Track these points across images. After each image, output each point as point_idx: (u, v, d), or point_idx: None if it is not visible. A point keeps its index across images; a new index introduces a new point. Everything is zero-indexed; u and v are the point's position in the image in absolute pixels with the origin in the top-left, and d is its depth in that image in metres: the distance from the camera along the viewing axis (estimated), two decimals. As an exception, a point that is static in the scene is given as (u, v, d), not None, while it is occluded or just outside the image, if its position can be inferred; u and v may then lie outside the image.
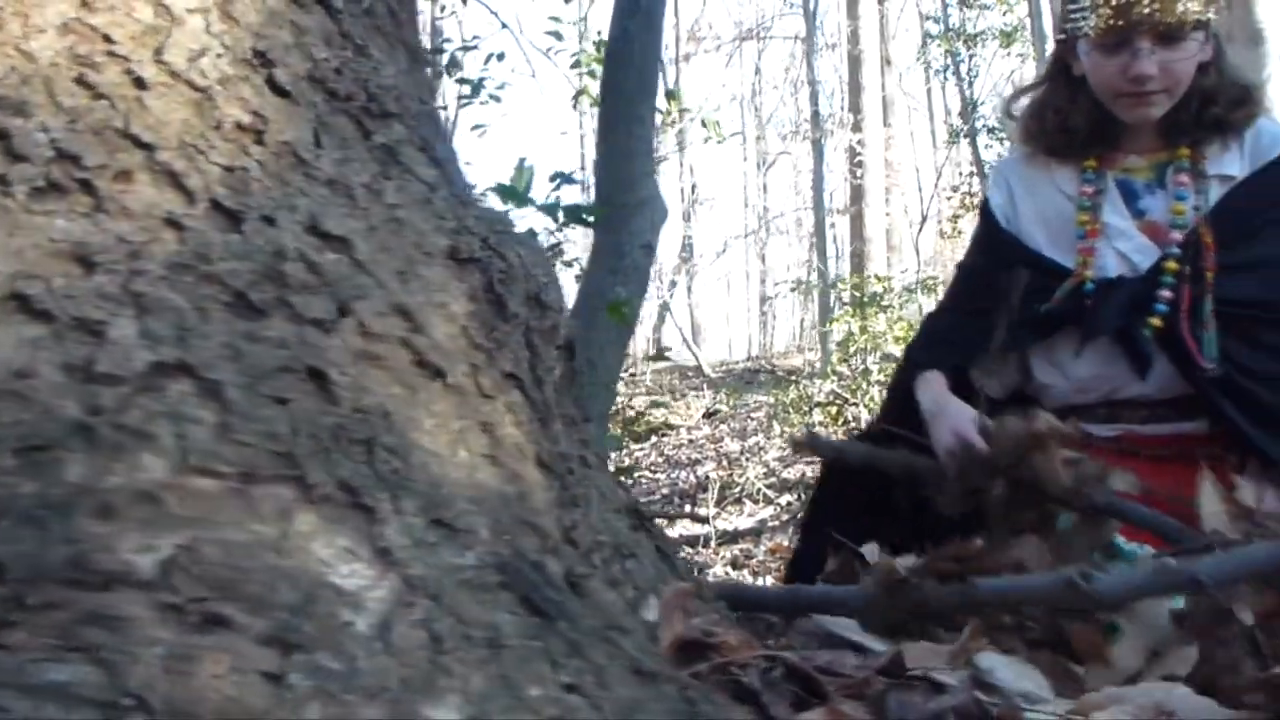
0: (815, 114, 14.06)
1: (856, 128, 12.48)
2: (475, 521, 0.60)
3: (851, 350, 8.14)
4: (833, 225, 15.49)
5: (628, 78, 2.08)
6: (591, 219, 1.96)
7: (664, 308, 16.49)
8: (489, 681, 0.49)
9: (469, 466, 0.66)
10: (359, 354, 0.68)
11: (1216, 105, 1.53)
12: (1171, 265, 1.53)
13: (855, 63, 13.03)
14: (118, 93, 0.70)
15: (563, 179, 1.91)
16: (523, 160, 1.87)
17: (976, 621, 1.07)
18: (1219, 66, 1.54)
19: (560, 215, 1.81)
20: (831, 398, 8.46)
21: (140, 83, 0.72)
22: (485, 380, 0.85)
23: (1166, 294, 1.52)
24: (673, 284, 17.42)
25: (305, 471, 0.55)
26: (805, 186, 17.86)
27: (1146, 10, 1.45)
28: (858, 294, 8.94)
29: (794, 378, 9.63)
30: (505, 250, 0.94)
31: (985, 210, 1.75)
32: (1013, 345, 1.62)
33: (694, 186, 17.61)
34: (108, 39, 0.72)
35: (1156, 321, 1.52)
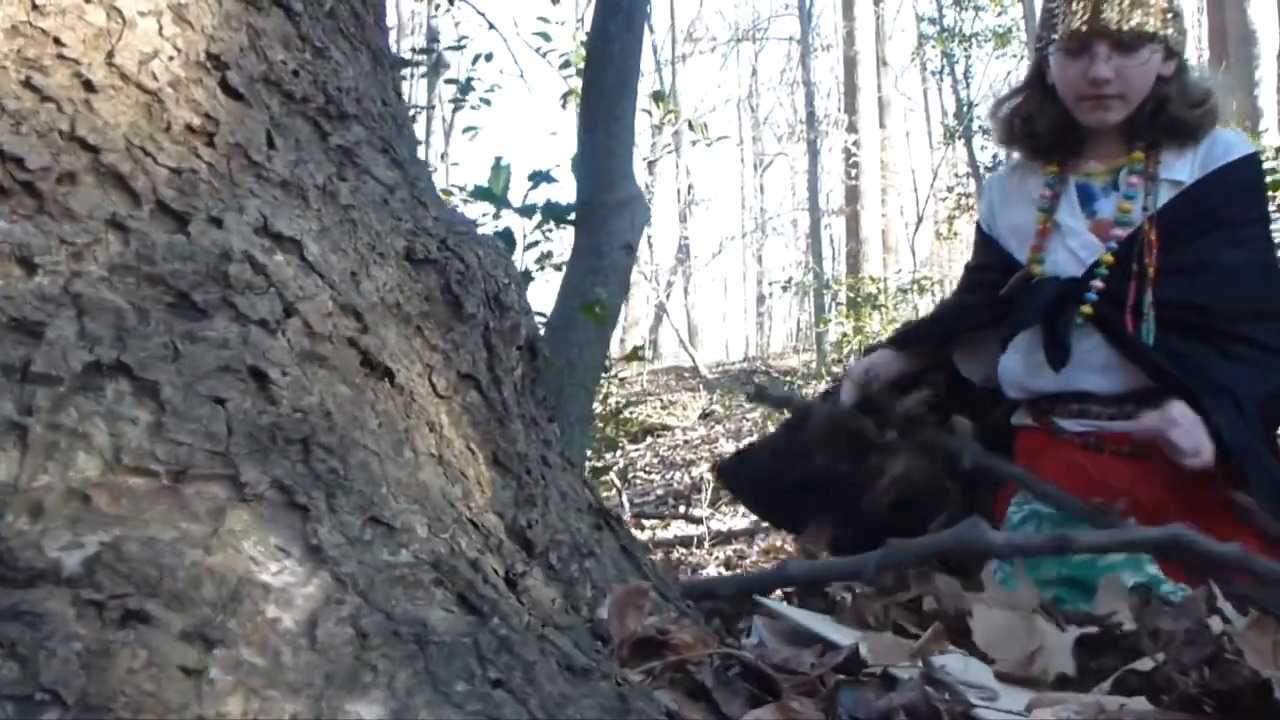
0: (810, 115, 14.07)
1: (852, 129, 12.49)
2: (413, 520, 0.61)
3: (845, 351, 8.15)
4: (828, 226, 15.49)
5: (608, 78, 2.08)
6: (571, 219, 1.97)
7: (660, 309, 16.49)
8: (415, 677, 0.50)
9: (412, 466, 0.67)
10: (304, 354, 0.68)
11: (1171, 108, 1.63)
12: (1107, 258, 1.62)
13: (851, 64, 13.04)
14: (65, 95, 0.70)
15: (540, 178, 1.92)
16: (499, 160, 1.87)
17: (938, 622, 1.07)
18: (1181, 82, 1.65)
19: (536, 216, 1.81)
20: (826, 398, 8.45)
21: (89, 85, 0.72)
22: (440, 380, 0.86)
23: (1098, 284, 1.61)
24: (669, 285, 17.42)
25: (239, 470, 0.56)
26: (801, 188, 17.87)
27: (1107, 18, 1.59)
28: (853, 295, 8.95)
29: (789, 379, 9.63)
30: (464, 252, 0.95)
31: (978, 219, 1.93)
32: (962, 325, 1.81)
33: (690, 188, 17.61)
34: (58, 42, 0.73)
35: (1087, 309, 1.61)
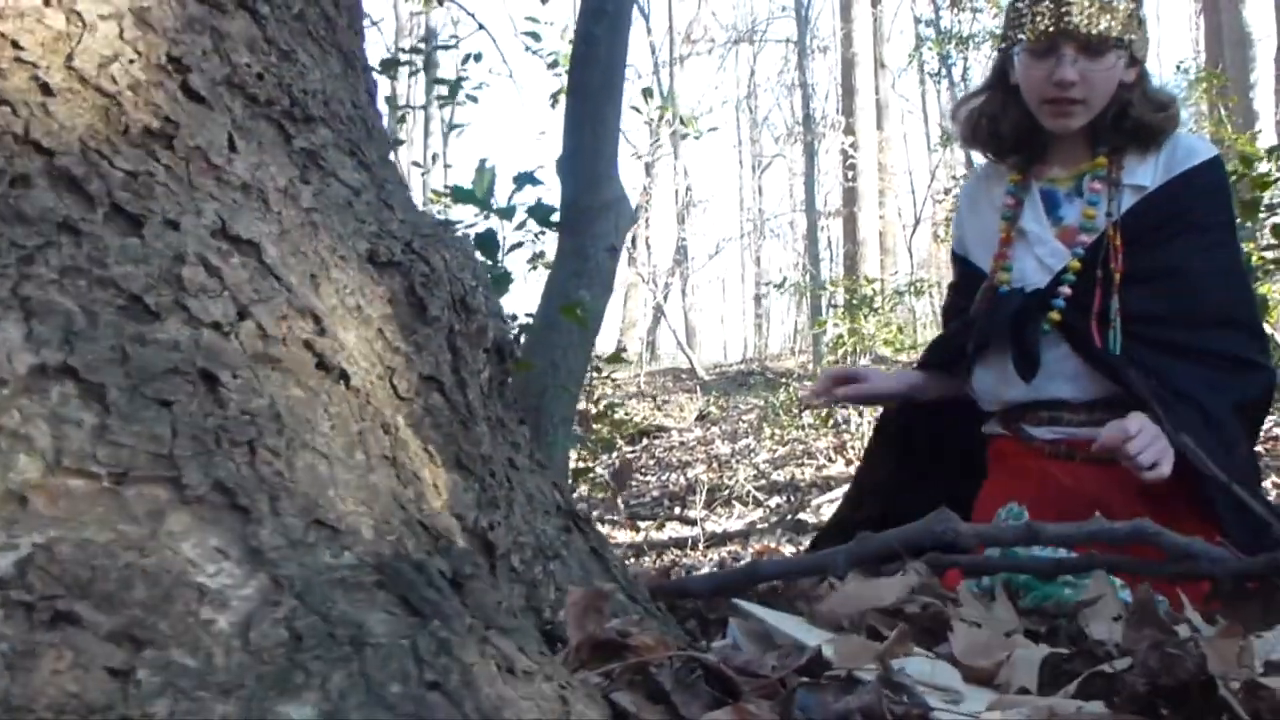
0: (807, 117, 14.08)
1: (849, 131, 12.49)
2: (359, 522, 0.61)
3: (841, 353, 8.15)
4: (824, 229, 15.50)
5: (593, 80, 2.09)
6: (555, 220, 1.97)
7: (658, 311, 16.49)
8: (349, 679, 0.50)
9: (363, 468, 0.67)
10: (257, 356, 0.69)
11: (1132, 114, 1.64)
12: (1074, 265, 1.62)
13: (849, 66, 13.05)
14: (22, 99, 0.71)
15: (525, 180, 1.92)
16: (483, 162, 1.88)
17: (904, 625, 1.08)
18: (1142, 88, 1.66)
19: (519, 217, 1.82)
20: (821, 400, 8.46)
21: (46, 89, 0.72)
22: (401, 383, 0.86)
23: (1066, 290, 1.61)
24: (667, 287, 17.43)
25: (181, 472, 0.56)
26: (800, 189, 17.88)
27: (1075, 21, 1.58)
28: (850, 296, 8.95)
29: (784, 380, 9.63)
30: (429, 255, 0.95)
31: (952, 244, 1.94)
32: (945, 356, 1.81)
33: (688, 189, 17.62)
34: (16, 45, 0.73)
35: (1055, 316, 1.61)
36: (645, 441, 10.29)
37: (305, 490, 0.60)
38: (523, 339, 2.12)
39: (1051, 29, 1.59)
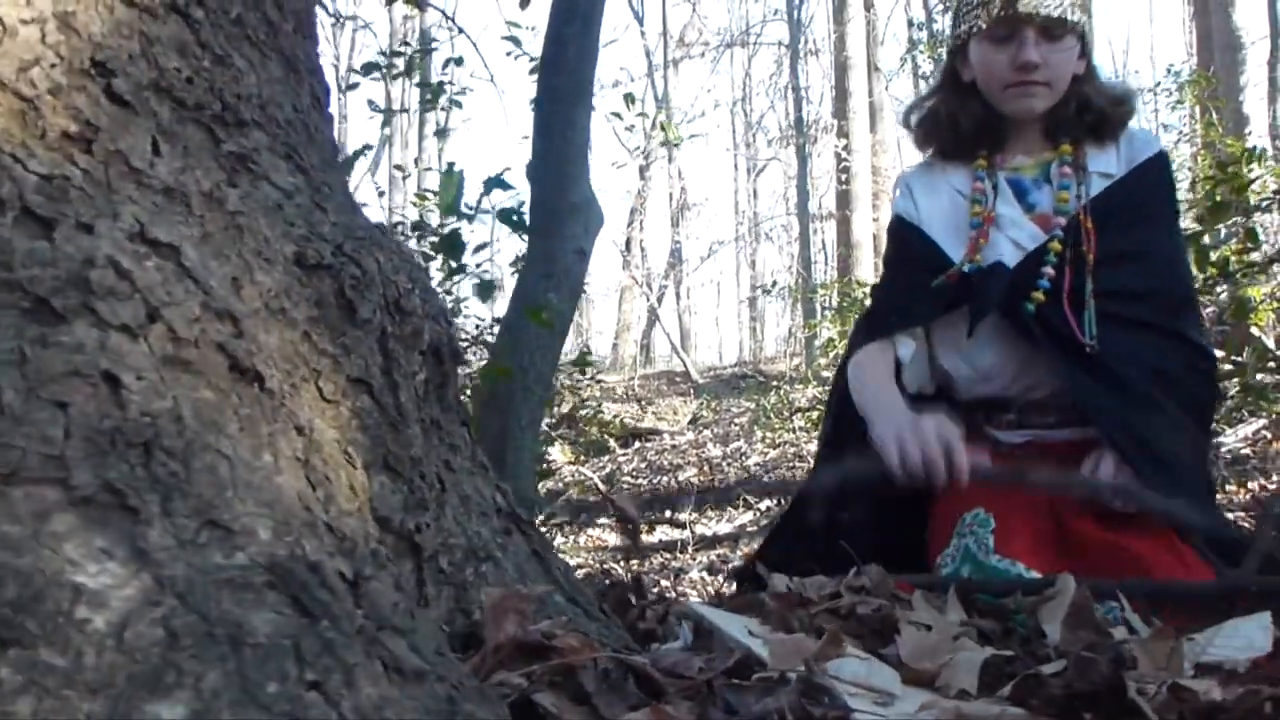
0: (799, 120, 14.10)
1: (843, 134, 12.50)
2: (257, 523, 0.61)
3: (832, 355, 8.16)
4: (817, 231, 15.51)
5: (563, 83, 2.09)
6: (525, 223, 1.98)
7: (652, 313, 16.50)
8: (224, 678, 0.51)
9: (270, 470, 0.68)
10: (166, 359, 0.69)
11: (1094, 106, 1.67)
12: (1055, 246, 1.62)
13: (842, 69, 13.07)
14: (-65, 103, 0.71)
15: (493, 184, 1.92)
16: (451, 165, 1.88)
17: (835, 625, 1.08)
18: (1093, 80, 1.69)
19: (481, 220, 1.83)
20: (813, 403, 8.47)
21: (-38, 93, 0.73)
22: (327, 385, 0.87)
23: (1050, 271, 1.60)
24: (661, 289, 17.44)
25: (71, 473, 0.56)
26: (794, 193, 17.90)
27: (1034, 5, 1.59)
28: (842, 299, 8.96)
29: (775, 383, 9.64)
30: (361, 257, 0.96)
31: (894, 215, 1.86)
32: (910, 321, 1.72)
33: (683, 192, 17.64)
34: (-66, 50, 0.74)
35: (1039, 296, 1.59)
36: (637, 444, 10.29)
37: (201, 491, 0.61)
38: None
39: (1011, 12, 1.60)
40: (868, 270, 12.21)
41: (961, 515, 1.59)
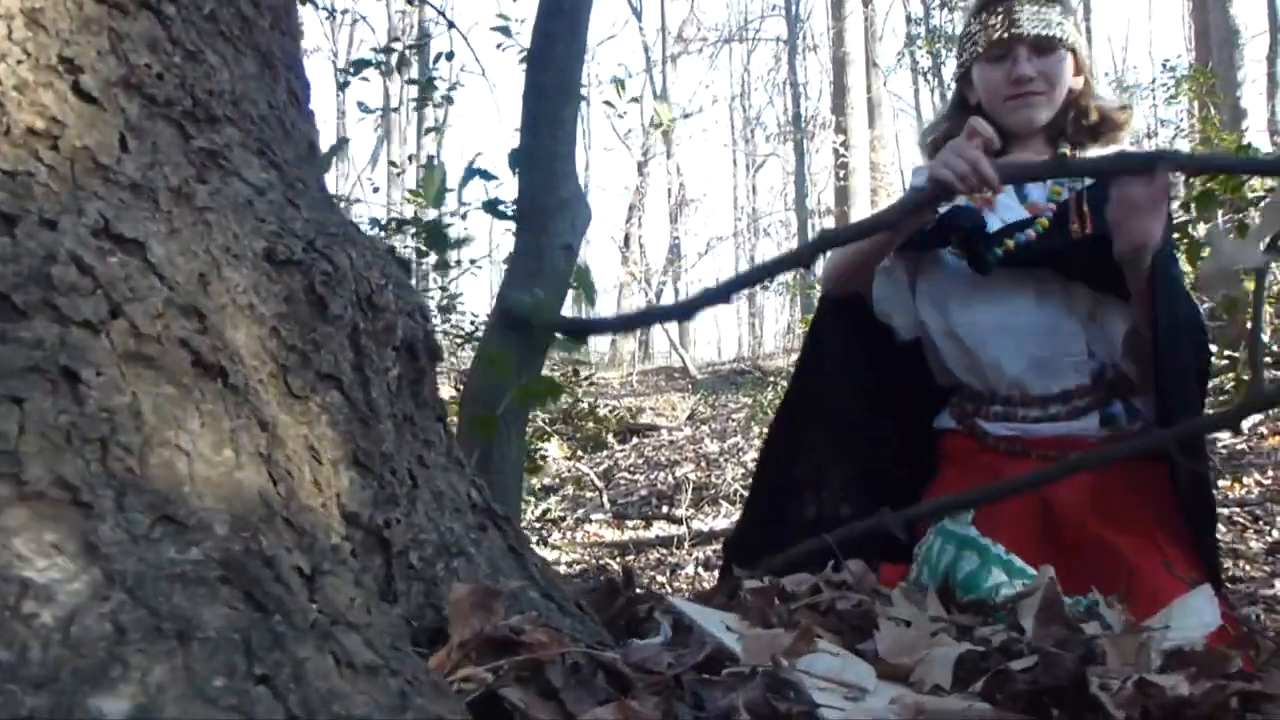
0: (797, 116, 14.08)
1: (840, 129, 12.49)
2: (213, 518, 0.62)
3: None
4: (815, 226, 15.49)
5: (550, 80, 2.09)
6: (510, 213, 1.98)
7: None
8: (171, 672, 0.51)
9: (230, 465, 0.68)
10: (128, 355, 0.69)
11: (1092, 115, 1.79)
12: (1043, 222, 1.68)
13: (840, 65, 13.05)
14: (-102, 99, 0.71)
15: (472, 174, 1.93)
16: (432, 159, 1.88)
17: (810, 621, 1.08)
18: (1091, 94, 1.80)
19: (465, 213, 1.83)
20: (810, 399, 8.47)
21: (-75, 89, 0.73)
22: (296, 381, 0.87)
23: (1031, 234, 1.67)
24: (660, 285, 17.44)
25: (24, 469, 0.56)
26: (793, 188, 17.89)
27: (1024, 26, 1.73)
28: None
29: (772, 379, 9.64)
30: (333, 254, 0.96)
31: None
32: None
33: (681, 187, 17.63)
34: (-102, 46, 0.74)
35: (1010, 244, 1.66)
36: (635, 440, 10.31)
37: (157, 487, 0.61)
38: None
39: (1005, 35, 1.74)
40: (866, 266, 12.19)
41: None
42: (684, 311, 1.84)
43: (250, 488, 0.67)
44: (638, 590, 1.48)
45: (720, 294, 1.62)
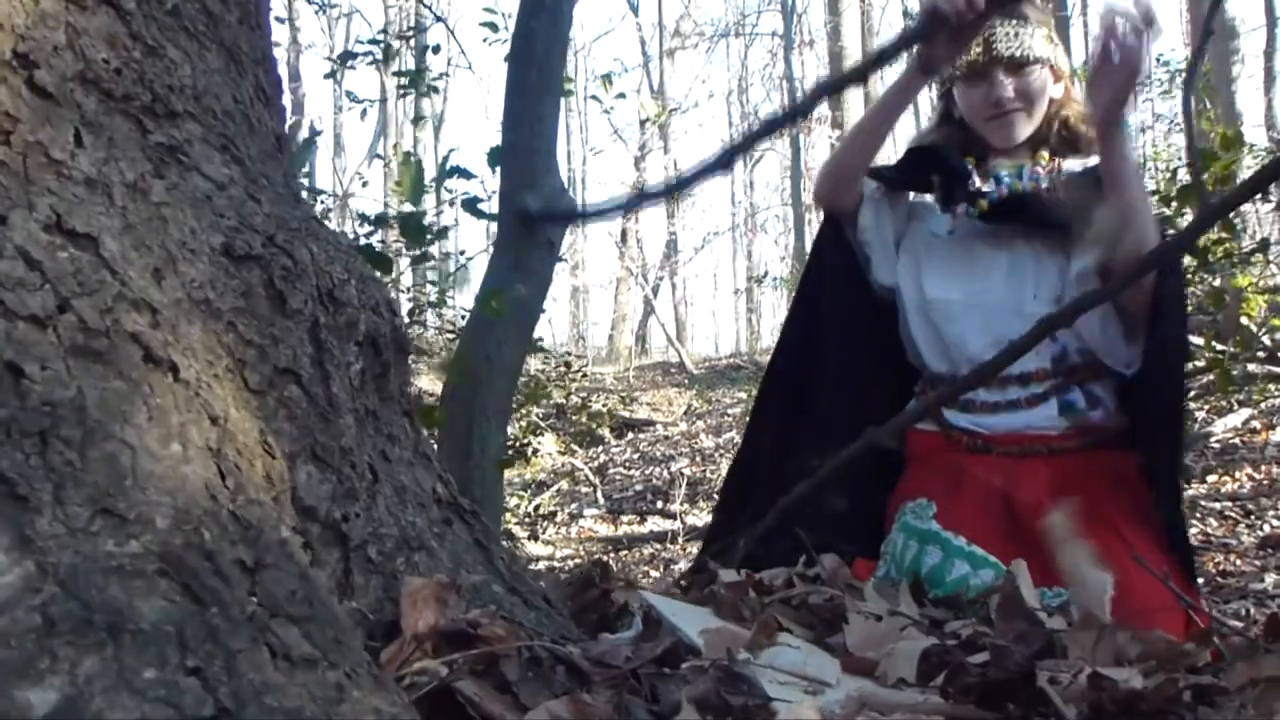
0: (793, 111, 14.03)
1: (836, 124, 12.49)
2: (155, 512, 0.62)
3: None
4: (810, 222, 15.49)
5: (531, 75, 2.09)
6: (488, 212, 1.98)
7: (648, 305, 16.50)
8: (100, 664, 0.51)
9: (177, 459, 0.68)
10: (75, 349, 0.69)
11: (1073, 123, 1.81)
12: (1017, 185, 1.76)
13: (837, 60, 13.04)
14: None
15: (452, 172, 1.93)
16: (408, 155, 1.88)
17: (768, 614, 1.09)
18: (1072, 102, 1.83)
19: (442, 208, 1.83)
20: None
21: (-125, 84, 0.73)
22: (253, 375, 0.87)
23: (1004, 190, 1.75)
24: (658, 280, 17.43)
25: (-39, 463, 0.57)
26: (789, 183, 17.88)
27: (999, 48, 1.76)
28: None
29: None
30: (294, 248, 0.96)
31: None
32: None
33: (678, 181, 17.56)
34: None
35: (984, 204, 1.73)
36: (630, 435, 10.32)
37: (97, 480, 0.61)
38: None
39: (982, 58, 1.77)
40: (862, 261, 12.19)
41: (903, 505, 1.61)
42: (681, 185, 1.87)
43: (196, 481, 0.68)
44: (613, 583, 1.48)
45: (721, 162, 1.62)
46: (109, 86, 0.89)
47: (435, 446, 2.07)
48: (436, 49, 3.44)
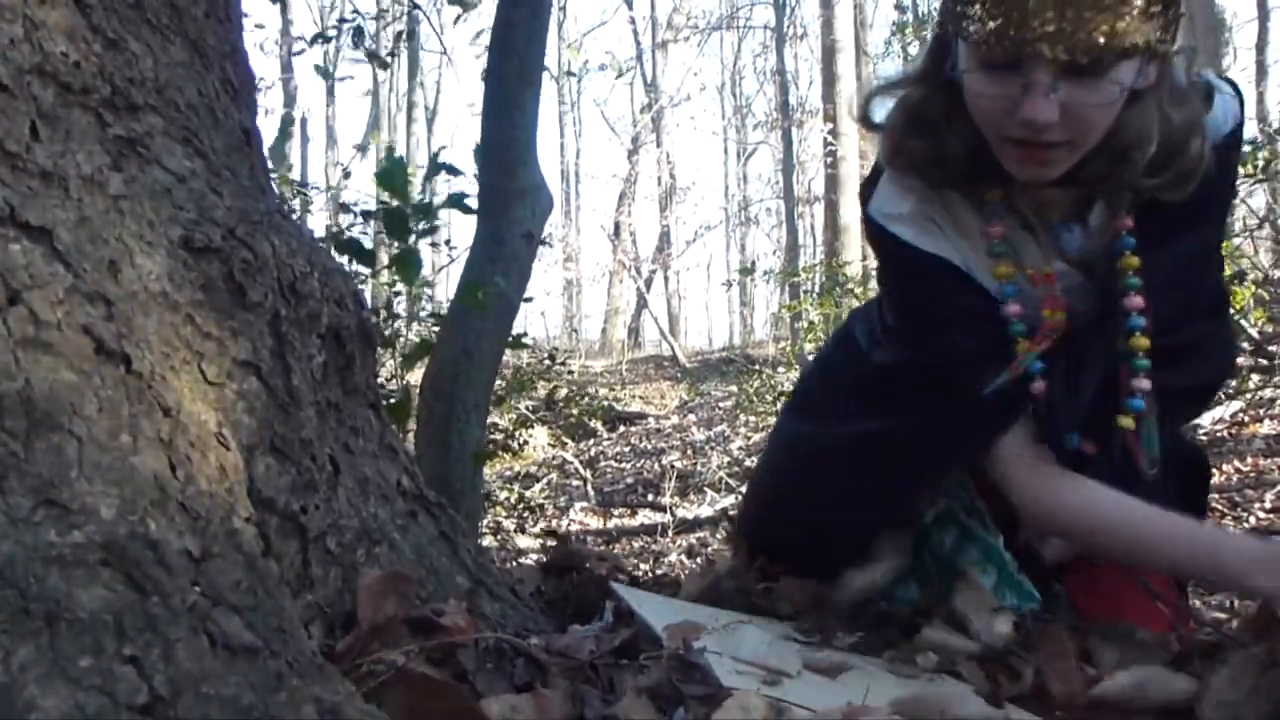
0: (785, 104, 14.06)
1: (829, 118, 12.47)
2: (100, 502, 0.62)
3: (810, 339, 8.18)
4: (802, 216, 15.51)
5: (510, 67, 2.10)
6: (473, 208, 1.99)
7: (641, 298, 16.50)
8: (36, 652, 0.52)
9: (126, 450, 0.69)
10: (24, 341, 0.70)
11: (1134, 169, 1.08)
12: (1142, 342, 1.14)
13: (829, 52, 13.02)
14: None
15: (439, 168, 1.93)
16: (390, 150, 1.88)
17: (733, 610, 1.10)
18: (1163, 97, 1.07)
19: (430, 204, 1.83)
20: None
21: None
22: (211, 368, 0.87)
23: (1144, 384, 1.15)
24: (650, 273, 17.44)
25: (-99, 454, 0.57)
26: (782, 176, 17.89)
27: (1051, 27, 0.96)
28: (829, 281, 8.98)
29: (758, 367, 9.66)
30: (255, 241, 0.96)
31: (929, 249, 1.19)
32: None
33: (672, 175, 17.61)
34: None
35: (1129, 422, 1.16)
36: (622, 428, 10.32)
37: (41, 471, 0.62)
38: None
39: (1013, 34, 0.98)
40: (855, 253, 12.20)
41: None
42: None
43: (145, 472, 0.68)
44: (593, 561, 1.49)
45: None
46: (67, 79, 0.89)
47: (413, 439, 2.08)
48: (412, 34, 3.45)
